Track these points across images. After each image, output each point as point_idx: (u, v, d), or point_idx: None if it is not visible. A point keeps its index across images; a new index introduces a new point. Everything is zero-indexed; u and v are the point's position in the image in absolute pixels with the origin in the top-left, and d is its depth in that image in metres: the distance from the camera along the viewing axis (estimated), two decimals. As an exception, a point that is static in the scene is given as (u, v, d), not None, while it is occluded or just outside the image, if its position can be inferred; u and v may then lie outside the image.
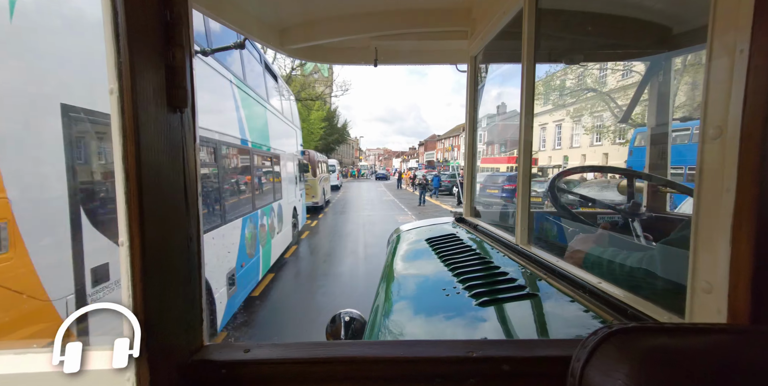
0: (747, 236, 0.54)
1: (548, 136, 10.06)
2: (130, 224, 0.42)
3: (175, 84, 0.47)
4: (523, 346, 0.57)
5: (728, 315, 0.55)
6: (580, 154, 8.44)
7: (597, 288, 0.89)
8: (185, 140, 0.50)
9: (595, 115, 5.19)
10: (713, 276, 0.59)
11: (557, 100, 6.34)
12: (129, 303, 0.43)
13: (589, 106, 5.02)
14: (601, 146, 7.18)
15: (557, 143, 9.76)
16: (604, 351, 0.45)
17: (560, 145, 9.63)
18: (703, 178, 0.61)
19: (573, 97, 5.22)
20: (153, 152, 0.43)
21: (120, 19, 0.39)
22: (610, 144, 5.08)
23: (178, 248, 0.50)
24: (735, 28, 0.56)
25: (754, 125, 0.53)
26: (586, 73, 5.44)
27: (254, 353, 0.54)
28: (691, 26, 1.81)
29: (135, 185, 0.41)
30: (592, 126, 6.42)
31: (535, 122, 1.53)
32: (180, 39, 0.47)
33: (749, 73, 0.54)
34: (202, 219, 0.55)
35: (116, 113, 0.40)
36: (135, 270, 0.42)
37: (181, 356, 0.51)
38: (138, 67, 0.41)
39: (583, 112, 5.87)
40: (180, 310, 0.51)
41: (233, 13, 1.78)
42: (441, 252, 1.58)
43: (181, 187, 0.50)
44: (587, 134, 7.68)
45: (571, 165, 8.45)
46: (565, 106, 6.42)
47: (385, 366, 0.53)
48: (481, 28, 1.92)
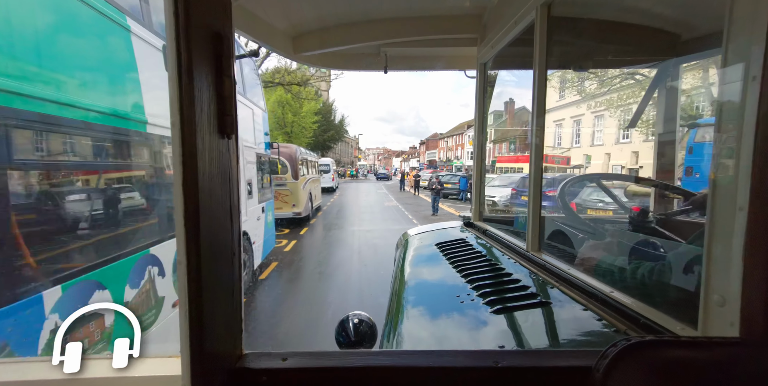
0: (760, 251, 0.57)
1: (565, 134, 8.90)
2: (188, 244, 0.45)
3: (225, 112, 0.50)
4: (544, 357, 0.61)
5: (741, 328, 0.58)
6: (604, 153, 7.61)
7: (609, 297, 0.91)
8: (231, 163, 0.54)
9: (622, 107, 4.60)
10: (726, 289, 0.62)
11: (575, 93, 5.78)
12: (187, 317, 0.46)
13: (615, 98, 4.55)
14: (629, 143, 6.34)
15: (575, 141, 8.60)
16: (624, 362, 0.48)
17: (579, 143, 8.42)
18: (716, 195, 0.64)
19: (596, 89, 4.77)
20: (207, 178, 0.47)
21: (183, 56, 0.43)
22: (642, 141, 4.23)
23: (224, 263, 0.53)
24: (748, 50, 0.58)
25: (766, 145, 0.56)
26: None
27: (292, 361, 0.57)
28: (699, 34, 1.82)
29: (194, 209, 0.45)
30: (618, 121, 5.74)
31: (548, 118, 1.55)
32: (228, 70, 0.51)
33: (761, 98, 0.56)
34: (241, 235, 0.59)
35: (177, 143, 0.44)
36: (192, 286, 0.46)
37: (228, 363, 0.55)
38: (197, 99, 0.44)
39: (607, 106, 5.36)
40: (225, 319, 0.55)
41: (248, 23, 1.82)
42: (452, 258, 1.60)
43: (228, 207, 0.53)
44: (609, 130, 6.98)
45: (593, 165, 7.81)
46: (585, 99, 5.92)
47: (415, 375, 0.57)
48: (492, 35, 1.95)
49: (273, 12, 1.99)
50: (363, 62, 2.47)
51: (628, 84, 2.25)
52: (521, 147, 18.75)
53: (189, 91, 0.43)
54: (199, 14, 0.44)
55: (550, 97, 1.51)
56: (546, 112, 1.53)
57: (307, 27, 2.17)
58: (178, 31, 0.42)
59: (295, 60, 2.30)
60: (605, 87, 4.24)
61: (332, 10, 2.04)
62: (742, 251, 0.58)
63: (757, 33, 0.57)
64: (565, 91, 5.69)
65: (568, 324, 0.95)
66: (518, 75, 2.34)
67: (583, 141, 8.27)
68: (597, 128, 7.42)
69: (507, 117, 20.17)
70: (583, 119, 7.68)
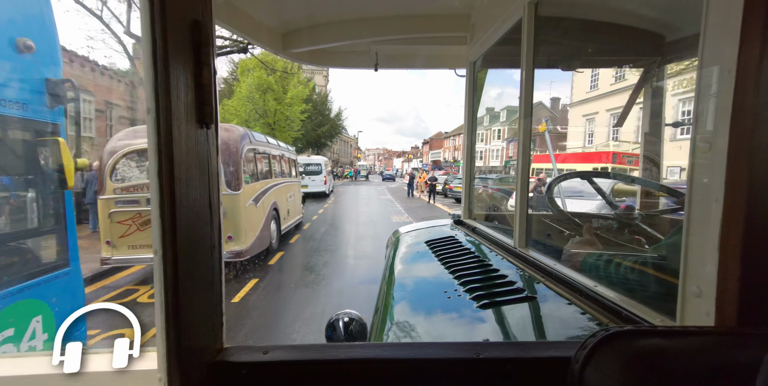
0: (734, 243, 0.58)
1: (599, 129, 7.28)
2: (164, 234, 0.45)
3: (204, 101, 0.50)
4: (525, 348, 0.61)
5: (716, 318, 0.59)
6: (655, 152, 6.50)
7: (593, 292, 0.93)
8: (210, 154, 0.53)
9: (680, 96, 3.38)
10: (703, 281, 0.63)
11: (612, 82, 5.01)
12: (162, 308, 0.45)
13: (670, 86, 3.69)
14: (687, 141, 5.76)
15: (612, 137, 7.24)
16: (602, 352, 0.49)
17: (616, 140, 7.17)
18: (693, 189, 0.65)
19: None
20: (184, 167, 0.46)
21: (158, 43, 0.42)
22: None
23: (203, 255, 0.53)
24: (723, 50, 0.60)
25: (740, 140, 0.57)
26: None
27: (273, 354, 0.57)
28: (683, 35, 1.86)
29: (168, 198, 0.44)
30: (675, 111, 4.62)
31: (579, 111, 1.56)
32: (208, 58, 0.50)
33: (736, 90, 0.58)
34: (222, 228, 0.58)
35: (152, 131, 0.43)
36: (168, 277, 0.45)
37: (207, 356, 0.54)
38: (173, 87, 0.44)
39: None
40: (205, 313, 0.54)
41: (238, 19, 1.81)
42: (441, 255, 1.61)
43: (207, 198, 0.53)
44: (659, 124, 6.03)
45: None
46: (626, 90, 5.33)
47: (397, 367, 0.57)
48: (481, 34, 1.96)
49: (263, 9, 1.97)
50: (353, 60, 2.47)
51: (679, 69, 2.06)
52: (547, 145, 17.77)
53: (165, 79, 0.43)
54: (175, 1, 0.44)
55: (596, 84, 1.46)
56: (577, 105, 1.52)
57: (297, 24, 2.16)
58: (153, 18, 0.42)
59: (285, 57, 2.29)
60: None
61: (322, 7, 2.04)
62: (717, 242, 0.60)
63: (731, 32, 0.58)
64: (598, 79, 4.61)
65: (553, 318, 0.96)
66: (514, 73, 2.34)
67: (626, 137, 6.69)
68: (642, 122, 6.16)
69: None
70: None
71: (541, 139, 5.27)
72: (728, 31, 0.59)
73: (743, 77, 0.57)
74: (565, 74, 1.56)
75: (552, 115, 23.27)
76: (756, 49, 0.55)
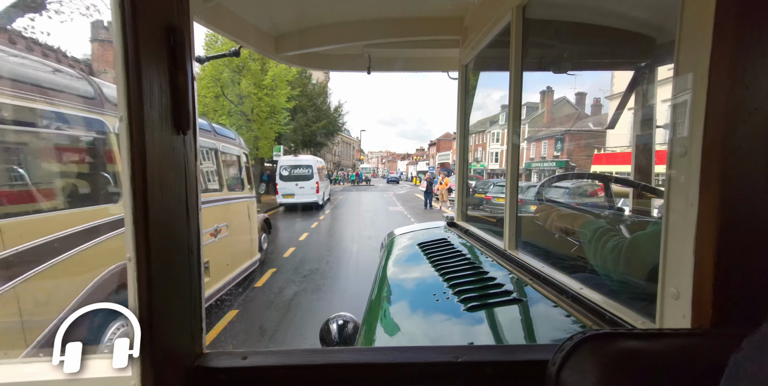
0: (708, 246, 0.59)
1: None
2: (137, 240, 0.45)
3: (179, 107, 0.50)
4: (505, 351, 0.61)
5: (692, 320, 0.60)
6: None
7: (578, 294, 0.93)
8: (187, 158, 0.53)
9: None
10: (680, 282, 0.64)
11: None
12: (136, 312, 0.46)
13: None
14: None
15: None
16: (578, 355, 0.49)
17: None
18: (671, 193, 0.66)
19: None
20: (158, 174, 0.46)
21: (129, 50, 0.43)
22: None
23: (179, 260, 0.53)
24: (696, 56, 0.61)
25: (713, 145, 0.58)
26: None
27: (251, 360, 0.57)
28: (673, 37, 1.88)
29: (141, 205, 0.44)
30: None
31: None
32: (183, 63, 0.51)
33: (709, 96, 0.58)
34: (201, 232, 0.59)
35: (125, 138, 0.43)
36: (141, 281, 0.45)
37: (184, 362, 0.54)
38: (146, 95, 0.44)
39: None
40: (182, 318, 0.54)
41: (229, 23, 1.81)
42: (432, 257, 1.61)
43: (184, 204, 0.53)
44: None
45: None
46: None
47: (376, 371, 0.57)
48: (472, 37, 1.97)
49: (255, 12, 1.98)
50: (346, 63, 2.47)
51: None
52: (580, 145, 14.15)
53: (137, 85, 0.43)
54: (148, 6, 0.44)
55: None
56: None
57: (290, 27, 2.17)
58: (124, 23, 0.42)
59: (278, 60, 2.30)
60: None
61: (315, 10, 2.05)
62: (693, 245, 0.60)
63: (703, 38, 0.59)
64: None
65: (538, 320, 0.96)
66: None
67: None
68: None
69: (544, 110, 16.31)
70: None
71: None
72: (701, 37, 0.60)
73: (716, 82, 0.58)
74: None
75: (578, 112, 21.56)
76: (727, 55, 0.56)
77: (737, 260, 0.56)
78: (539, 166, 16.05)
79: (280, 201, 14.74)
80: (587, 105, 22.21)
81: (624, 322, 0.77)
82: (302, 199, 14.41)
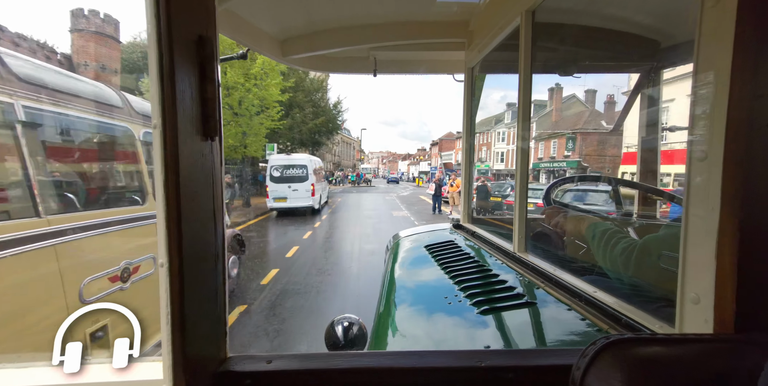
0: (731, 251, 0.59)
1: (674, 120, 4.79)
2: (170, 247, 0.45)
3: (208, 115, 0.50)
4: (527, 356, 0.62)
5: (714, 325, 0.60)
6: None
7: (593, 297, 0.93)
8: (214, 165, 0.54)
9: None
10: (701, 288, 0.64)
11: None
12: (168, 319, 0.46)
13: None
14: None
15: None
16: (603, 360, 0.49)
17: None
18: (690, 197, 0.66)
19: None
20: (190, 180, 0.47)
21: (165, 60, 0.43)
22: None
23: (207, 267, 0.53)
24: (717, 56, 0.61)
25: (735, 149, 0.58)
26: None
27: (276, 364, 0.57)
28: (678, 41, 1.89)
29: (175, 212, 0.45)
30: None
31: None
32: (212, 74, 0.51)
33: (731, 100, 0.59)
34: (225, 240, 0.59)
35: (159, 146, 0.44)
36: (174, 289, 0.46)
37: (211, 366, 0.55)
38: (179, 103, 0.45)
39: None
40: (210, 323, 0.55)
41: (236, 26, 1.82)
42: (440, 260, 1.62)
43: (211, 210, 0.53)
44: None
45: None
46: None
47: (399, 375, 0.57)
48: (479, 40, 1.98)
49: (262, 16, 1.99)
50: (352, 65, 2.48)
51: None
52: (593, 144, 12.67)
53: (171, 94, 0.43)
54: (181, 18, 0.45)
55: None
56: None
57: (296, 31, 2.18)
58: (160, 35, 0.42)
59: (284, 62, 2.31)
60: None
61: (321, 14, 2.05)
62: (715, 250, 0.61)
63: (725, 38, 0.59)
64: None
65: (553, 323, 0.96)
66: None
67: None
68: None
69: (553, 108, 15.02)
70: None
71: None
72: (722, 37, 0.60)
73: (738, 84, 0.58)
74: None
75: (589, 111, 20.26)
76: (750, 55, 0.56)
77: (761, 264, 0.56)
78: (548, 166, 15.18)
79: (270, 206, 13.25)
80: (600, 102, 20.82)
81: (641, 326, 0.77)
82: (296, 203, 13.14)
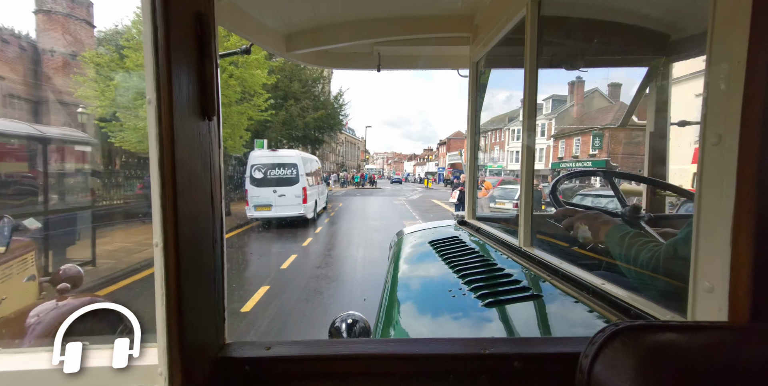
0: (746, 238, 0.57)
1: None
2: (165, 226, 0.44)
3: (206, 94, 0.49)
4: (532, 343, 0.60)
5: (729, 314, 0.58)
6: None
7: (600, 289, 0.91)
8: (212, 146, 0.53)
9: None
10: (714, 276, 0.61)
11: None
12: (163, 302, 0.45)
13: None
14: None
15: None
16: (612, 347, 0.47)
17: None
18: (703, 183, 0.64)
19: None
20: (186, 159, 0.46)
21: (159, 34, 0.42)
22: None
23: (205, 250, 0.52)
24: (733, 40, 0.59)
25: (751, 133, 0.56)
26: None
27: (275, 350, 0.56)
28: (688, 34, 1.85)
29: (171, 190, 0.44)
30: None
31: (686, 90, 1.46)
32: (210, 51, 0.50)
33: (747, 83, 0.57)
34: (224, 223, 0.58)
35: (153, 122, 0.43)
36: (169, 270, 0.45)
37: (209, 352, 0.54)
38: (174, 78, 0.44)
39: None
40: (207, 308, 0.54)
41: (242, 21, 1.82)
42: (445, 255, 1.60)
43: (209, 192, 0.52)
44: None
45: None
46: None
47: (401, 363, 0.56)
48: (484, 34, 1.96)
49: (266, 11, 1.99)
50: (356, 61, 2.47)
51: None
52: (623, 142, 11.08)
53: (166, 71, 0.42)
54: None
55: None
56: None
57: (300, 26, 2.17)
58: (155, 9, 0.41)
59: (288, 58, 2.30)
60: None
61: (325, 9, 2.05)
62: (729, 238, 0.58)
63: (740, 26, 0.57)
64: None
65: (560, 315, 0.94)
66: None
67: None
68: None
69: (574, 102, 13.71)
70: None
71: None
72: (737, 25, 0.58)
73: (753, 71, 0.56)
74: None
75: (617, 105, 18.65)
76: (766, 43, 0.54)
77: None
78: (569, 166, 13.99)
79: (251, 216, 10.31)
80: (624, 97, 19.57)
81: (651, 317, 0.75)
82: (283, 212, 10.19)
